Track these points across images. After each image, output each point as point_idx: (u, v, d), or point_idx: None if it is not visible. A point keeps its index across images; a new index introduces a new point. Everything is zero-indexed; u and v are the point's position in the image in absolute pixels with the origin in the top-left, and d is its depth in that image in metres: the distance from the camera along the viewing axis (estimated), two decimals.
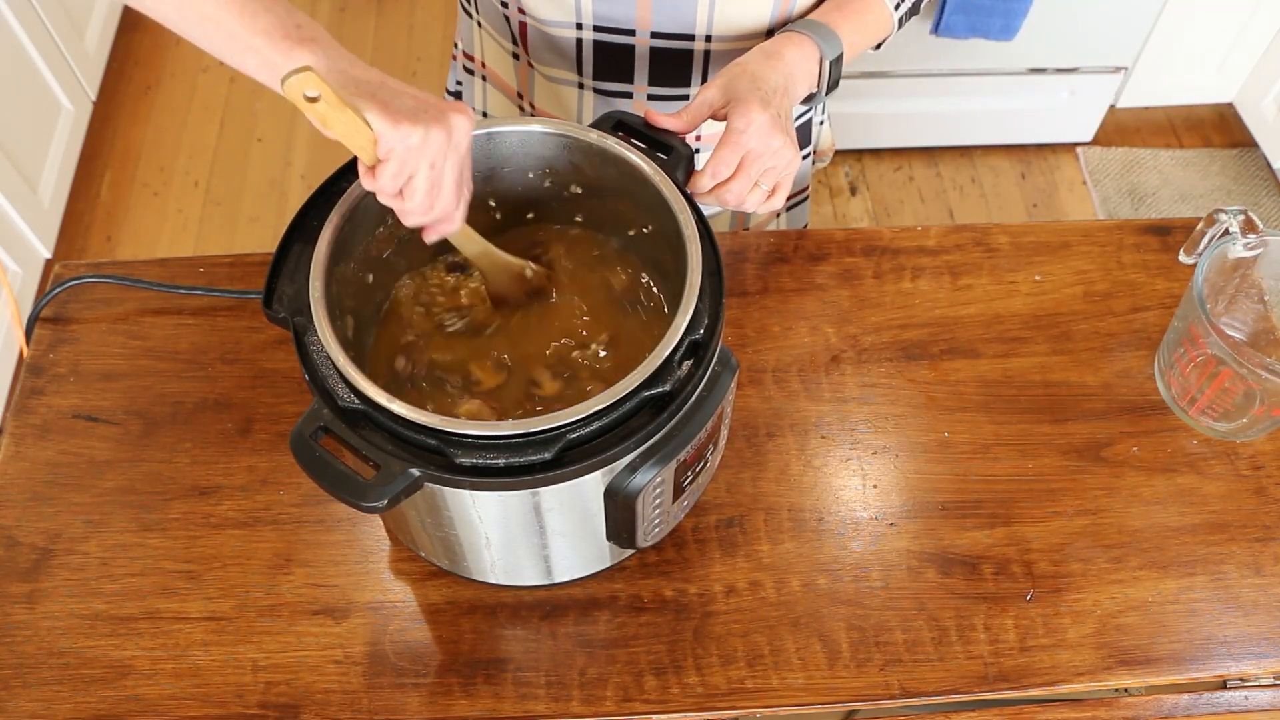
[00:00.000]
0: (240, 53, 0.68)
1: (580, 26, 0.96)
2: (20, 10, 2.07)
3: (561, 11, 0.95)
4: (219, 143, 2.46)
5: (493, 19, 1.05)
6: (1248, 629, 0.86)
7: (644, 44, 0.97)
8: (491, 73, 1.11)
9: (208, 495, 0.90)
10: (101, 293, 1.02)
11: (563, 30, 0.97)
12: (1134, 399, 0.98)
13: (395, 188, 0.69)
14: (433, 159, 0.69)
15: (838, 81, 0.95)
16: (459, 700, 0.81)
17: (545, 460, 0.66)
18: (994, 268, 1.06)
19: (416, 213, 0.72)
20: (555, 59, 1.01)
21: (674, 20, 0.95)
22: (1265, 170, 2.41)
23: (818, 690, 0.82)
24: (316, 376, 0.69)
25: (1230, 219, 0.92)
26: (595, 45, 0.98)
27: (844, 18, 0.94)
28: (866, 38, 0.97)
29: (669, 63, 0.99)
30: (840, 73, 0.94)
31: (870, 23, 0.96)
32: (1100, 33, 2.17)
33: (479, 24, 1.08)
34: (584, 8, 0.94)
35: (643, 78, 1.00)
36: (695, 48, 0.97)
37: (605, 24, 0.96)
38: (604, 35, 0.97)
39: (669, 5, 0.93)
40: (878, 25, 0.97)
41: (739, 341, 1.00)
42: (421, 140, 0.67)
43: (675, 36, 0.96)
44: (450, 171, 0.71)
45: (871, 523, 0.90)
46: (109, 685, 0.81)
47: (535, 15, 0.97)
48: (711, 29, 0.95)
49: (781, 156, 0.86)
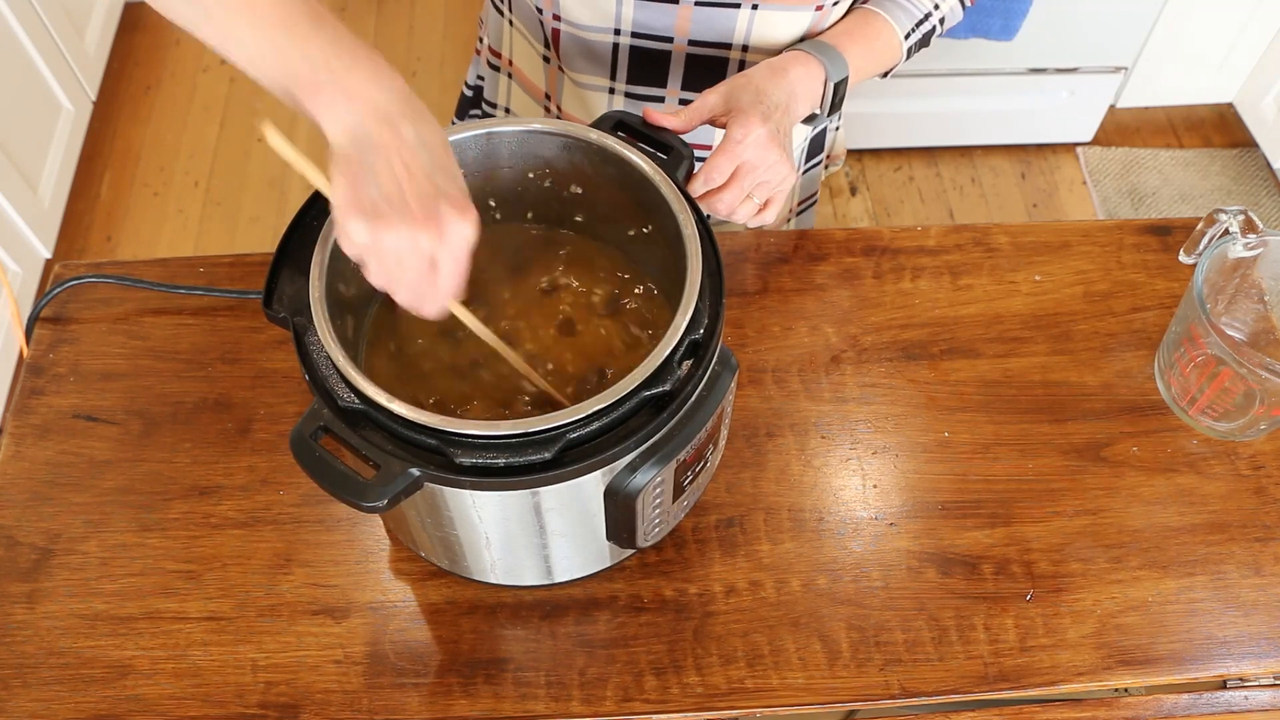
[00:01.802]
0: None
1: (619, 33, 0.96)
2: (20, 10, 2.07)
3: (600, 18, 0.95)
4: (219, 143, 2.46)
5: (526, 21, 1.04)
6: (1248, 629, 0.86)
7: (680, 50, 0.97)
8: (518, 71, 1.10)
9: (208, 495, 0.90)
10: (101, 293, 1.02)
11: (600, 36, 0.97)
12: (1134, 399, 0.98)
13: (356, 258, 0.65)
14: (400, 263, 0.63)
15: (840, 104, 0.96)
16: (459, 700, 0.81)
17: (545, 460, 0.66)
18: (994, 268, 1.06)
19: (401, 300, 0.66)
20: (587, 65, 1.01)
21: (713, 30, 0.95)
22: (1265, 170, 2.41)
23: (818, 690, 0.82)
24: (316, 376, 0.69)
25: (1230, 219, 0.92)
26: (632, 50, 0.98)
27: (853, 42, 0.95)
28: (873, 64, 0.98)
29: (703, 68, 0.99)
30: (844, 95, 0.95)
31: (879, 50, 0.97)
32: (1100, 33, 2.17)
33: (510, 22, 1.08)
34: (624, 15, 0.94)
35: (676, 82, 1.00)
36: (731, 56, 0.98)
37: (644, 31, 0.96)
38: (642, 41, 0.97)
39: (709, 15, 0.93)
40: (886, 53, 0.98)
41: (739, 341, 1.00)
42: (370, 241, 0.62)
43: (713, 45, 0.96)
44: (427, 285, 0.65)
45: (871, 523, 0.90)
46: (109, 685, 0.81)
47: (572, 20, 0.96)
48: (749, 39, 0.95)
49: (776, 171, 0.86)
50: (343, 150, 0.63)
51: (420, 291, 0.65)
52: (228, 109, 2.52)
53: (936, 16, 1.00)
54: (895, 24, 0.98)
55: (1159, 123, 2.52)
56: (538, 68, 1.07)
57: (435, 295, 0.66)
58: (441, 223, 0.62)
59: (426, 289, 0.65)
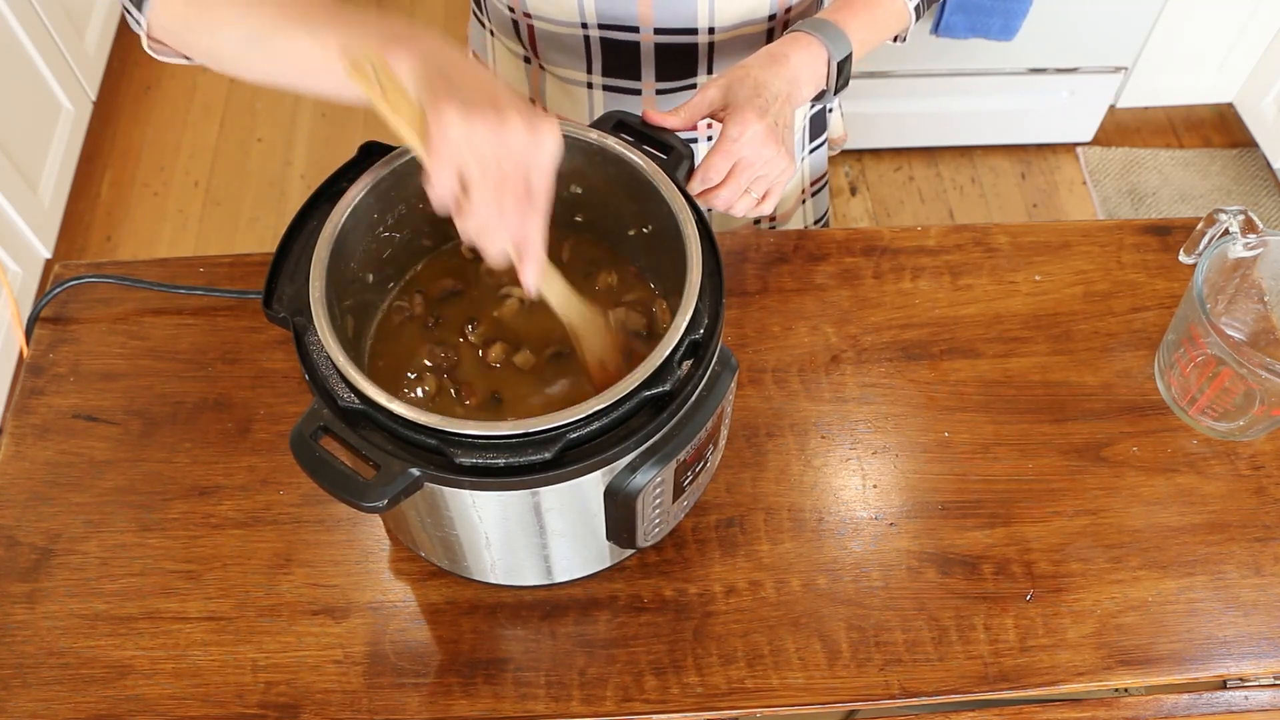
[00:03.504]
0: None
1: (585, 26, 0.97)
2: (20, 10, 2.07)
3: (564, 12, 0.96)
4: (219, 143, 2.46)
5: (502, 25, 1.05)
6: (1248, 629, 0.86)
7: (649, 40, 0.98)
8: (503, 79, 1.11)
9: (208, 495, 0.90)
10: (101, 293, 1.02)
11: (569, 29, 0.98)
12: (1134, 399, 0.98)
13: (449, 187, 0.62)
14: (491, 165, 0.61)
15: (848, 81, 0.94)
16: (459, 700, 0.81)
17: (545, 460, 0.66)
18: (994, 268, 1.06)
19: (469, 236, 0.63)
20: (564, 58, 1.02)
21: (676, 15, 0.95)
22: (1265, 170, 2.41)
23: (818, 690, 0.82)
24: (316, 376, 0.69)
25: (1230, 219, 0.92)
26: (602, 43, 0.99)
27: (853, 14, 0.93)
28: (878, 33, 0.96)
29: (674, 57, 0.99)
30: (850, 72, 0.94)
31: (881, 18, 0.95)
32: (1100, 33, 2.17)
33: (491, 32, 1.09)
34: (586, 7, 0.95)
35: (650, 73, 1.01)
36: (699, 40, 0.98)
37: (609, 22, 0.96)
38: (609, 33, 0.97)
39: (669, 2, 0.93)
40: (891, 19, 0.96)
41: (739, 341, 1.00)
42: (467, 139, 0.60)
43: (679, 31, 0.97)
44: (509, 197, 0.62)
45: (871, 523, 0.90)
46: (109, 685, 0.81)
47: (540, 15, 0.97)
48: (714, 21, 0.96)
49: (774, 166, 0.86)
50: (423, 75, 0.62)
51: (520, 212, 0.63)
52: (228, 109, 2.52)
53: None
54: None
55: (1159, 123, 2.52)
56: (520, 72, 1.08)
57: (532, 218, 0.63)
58: (536, 127, 0.61)
59: (525, 208, 0.63)
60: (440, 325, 0.83)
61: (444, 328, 0.83)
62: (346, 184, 0.77)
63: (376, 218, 0.78)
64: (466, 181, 0.62)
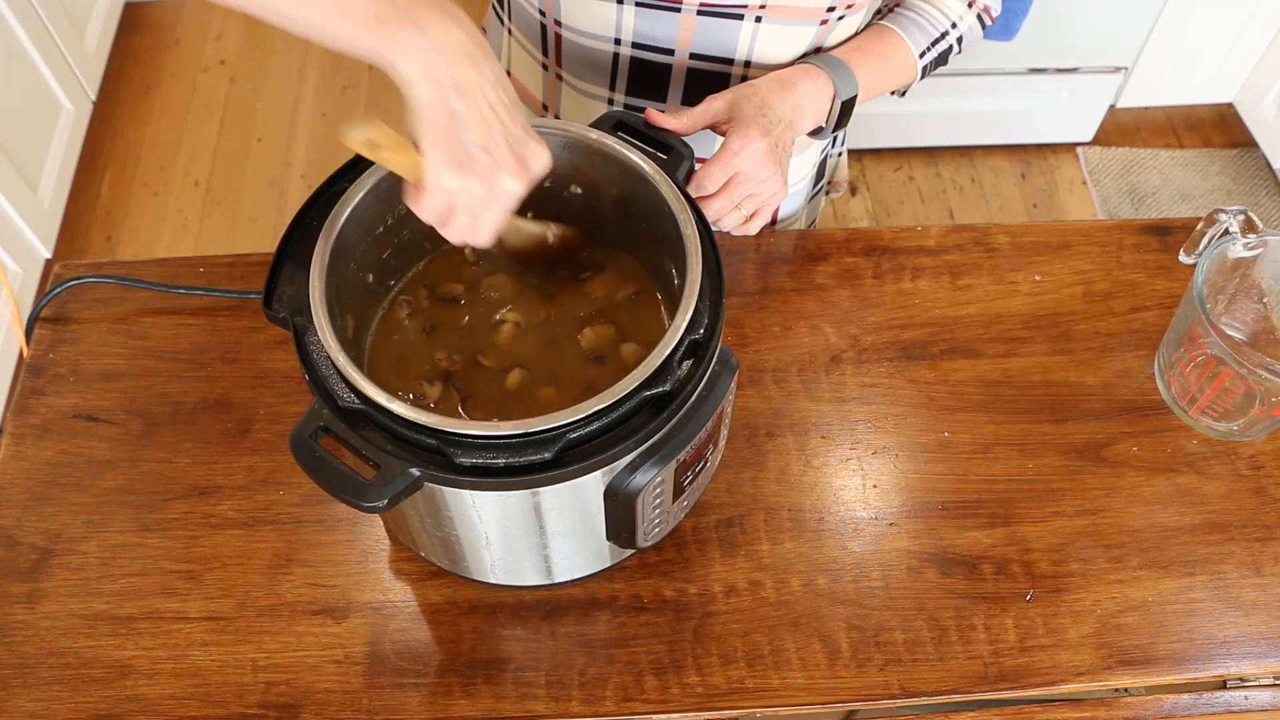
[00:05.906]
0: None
1: (619, 42, 0.95)
2: (20, 10, 2.07)
3: (601, 25, 0.94)
4: (219, 143, 2.46)
5: (526, 27, 1.02)
6: (1248, 629, 0.86)
7: (681, 64, 0.96)
8: (516, 82, 1.10)
9: (208, 495, 0.90)
10: (101, 293, 1.02)
11: (600, 44, 0.96)
12: (1134, 399, 0.98)
13: (435, 218, 0.67)
14: (471, 208, 0.66)
15: (846, 120, 0.95)
16: (459, 700, 0.81)
17: (545, 460, 0.66)
18: (994, 268, 1.06)
19: (454, 239, 0.69)
20: (588, 72, 1.00)
21: (715, 44, 0.94)
22: (1265, 170, 2.41)
23: (818, 690, 0.82)
24: (316, 376, 0.69)
25: (1230, 219, 0.92)
26: (632, 62, 0.97)
27: (865, 59, 0.94)
28: (884, 82, 0.97)
29: (704, 83, 0.97)
30: (851, 111, 0.94)
31: (891, 68, 0.96)
32: (1100, 33, 2.17)
33: (510, 31, 1.07)
34: (625, 24, 0.93)
35: (676, 96, 0.99)
36: (733, 71, 0.96)
37: (645, 42, 0.94)
38: (642, 53, 0.96)
39: (712, 27, 0.92)
40: (899, 71, 0.97)
41: (739, 341, 1.00)
42: (460, 190, 0.64)
43: (714, 60, 0.95)
44: (488, 220, 0.67)
45: (871, 523, 0.90)
46: (109, 685, 0.81)
47: (573, 27, 0.95)
48: (752, 54, 0.94)
49: (768, 186, 0.86)
50: (427, 99, 0.61)
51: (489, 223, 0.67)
52: (228, 109, 2.52)
53: (954, 35, 0.99)
54: (910, 41, 0.97)
55: (1159, 123, 2.52)
56: (536, 77, 1.06)
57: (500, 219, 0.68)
58: (529, 163, 0.65)
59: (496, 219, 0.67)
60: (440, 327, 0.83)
61: (444, 329, 0.83)
62: (346, 184, 0.77)
63: (376, 218, 0.78)
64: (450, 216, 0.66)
